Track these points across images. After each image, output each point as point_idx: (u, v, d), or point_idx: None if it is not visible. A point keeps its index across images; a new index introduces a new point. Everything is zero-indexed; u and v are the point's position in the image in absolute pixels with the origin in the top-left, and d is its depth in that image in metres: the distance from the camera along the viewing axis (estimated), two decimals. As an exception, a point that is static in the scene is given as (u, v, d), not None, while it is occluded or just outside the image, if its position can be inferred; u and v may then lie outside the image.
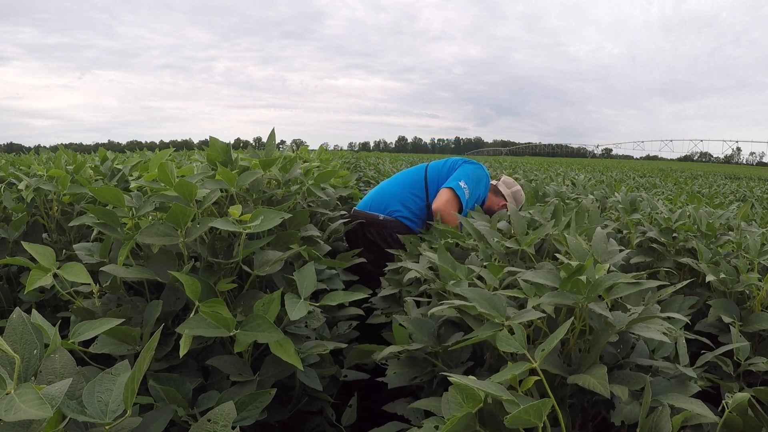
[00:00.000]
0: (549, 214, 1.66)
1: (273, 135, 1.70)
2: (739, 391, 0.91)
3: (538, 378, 0.73)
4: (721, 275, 1.35)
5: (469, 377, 0.69)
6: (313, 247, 1.55)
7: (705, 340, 1.09)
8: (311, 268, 1.17)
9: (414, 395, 1.22)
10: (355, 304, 1.52)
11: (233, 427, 0.75)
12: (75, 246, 1.27)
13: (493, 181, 2.61)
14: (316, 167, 2.31)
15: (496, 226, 1.59)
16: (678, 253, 1.77)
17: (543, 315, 0.87)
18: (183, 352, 0.90)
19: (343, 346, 1.19)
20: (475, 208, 2.30)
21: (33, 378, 0.69)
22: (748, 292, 1.36)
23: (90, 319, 0.90)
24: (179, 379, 0.95)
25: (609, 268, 1.09)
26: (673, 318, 0.93)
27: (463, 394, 0.72)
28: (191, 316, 0.96)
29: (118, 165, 2.21)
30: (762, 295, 1.30)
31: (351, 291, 1.41)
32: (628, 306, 1.00)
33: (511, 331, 0.81)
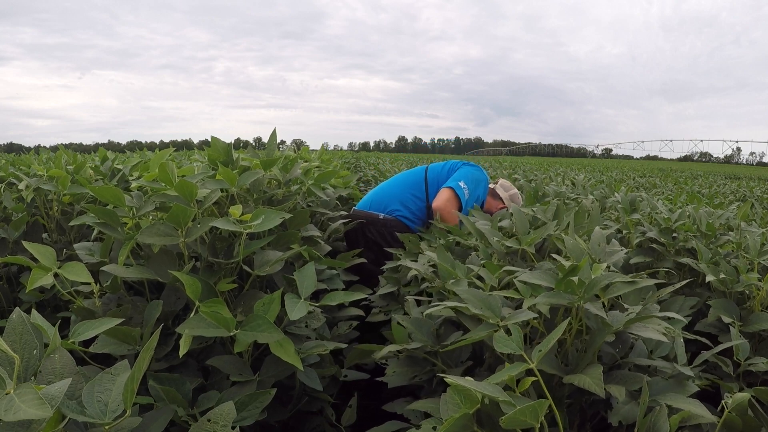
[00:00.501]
0: (551, 213, 1.66)
1: (274, 135, 1.69)
2: (738, 391, 0.91)
3: (535, 378, 0.73)
4: (721, 275, 1.35)
5: (467, 378, 0.69)
6: (314, 247, 1.56)
7: (704, 340, 1.09)
8: (311, 268, 1.17)
9: (414, 395, 1.22)
10: (355, 304, 1.52)
11: (233, 427, 0.75)
12: (75, 246, 1.27)
13: (491, 185, 2.63)
14: (317, 167, 2.31)
15: (497, 225, 1.59)
16: (678, 253, 1.77)
17: (537, 315, 0.87)
18: (183, 352, 0.90)
19: (343, 346, 1.19)
20: (475, 208, 2.31)
21: (33, 378, 0.69)
22: (748, 292, 1.36)
23: (90, 319, 0.90)
24: (179, 379, 0.95)
25: (609, 268, 1.09)
26: (672, 318, 0.93)
27: (460, 395, 0.72)
28: (191, 316, 0.96)
29: (118, 165, 2.21)
30: (762, 295, 1.30)
31: (351, 291, 1.41)
32: (627, 306, 1.00)
33: (508, 331, 0.81)
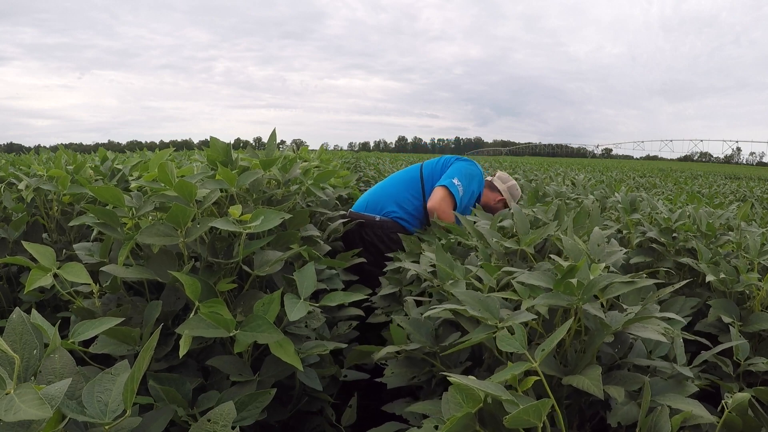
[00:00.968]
0: (552, 213, 1.66)
1: (274, 135, 1.69)
2: (738, 392, 0.91)
3: (538, 378, 0.73)
4: (721, 275, 1.35)
5: (469, 377, 0.69)
6: (313, 247, 1.56)
7: (704, 340, 1.09)
8: (311, 268, 1.17)
9: (413, 395, 1.22)
10: (355, 304, 1.52)
11: (233, 427, 0.75)
12: (75, 246, 1.27)
13: (488, 177, 2.59)
14: (316, 167, 2.31)
15: (497, 226, 1.59)
16: (678, 253, 1.77)
17: (536, 317, 0.87)
18: (183, 353, 0.90)
19: (343, 346, 1.19)
20: (474, 205, 2.29)
21: (33, 378, 0.69)
22: (748, 292, 1.36)
23: (90, 319, 0.90)
24: (179, 379, 0.95)
25: (609, 269, 1.09)
26: (671, 318, 0.93)
27: (462, 394, 0.72)
28: (191, 316, 0.96)
29: (118, 165, 2.21)
30: (762, 295, 1.30)
31: (351, 291, 1.41)
32: (626, 306, 1.00)
33: (512, 331, 0.81)
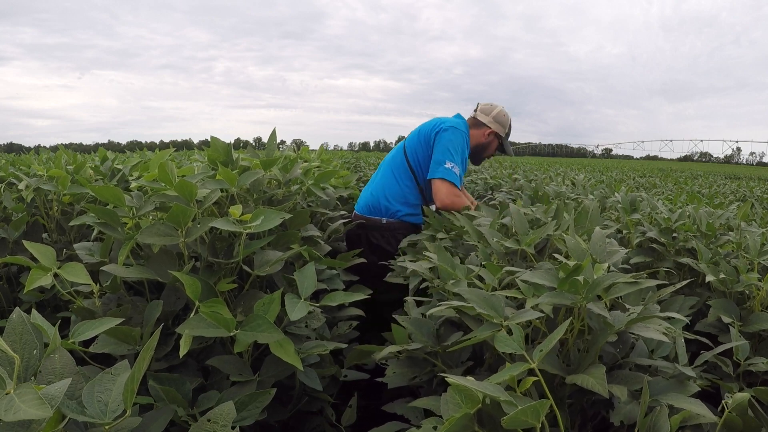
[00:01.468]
0: (551, 213, 1.66)
1: (274, 135, 1.70)
2: (738, 391, 0.91)
3: (537, 378, 0.73)
4: (721, 275, 1.35)
5: (468, 378, 0.69)
6: (314, 247, 1.56)
7: (704, 340, 1.09)
8: (312, 268, 1.17)
9: (414, 395, 1.22)
10: (355, 304, 1.52)
11: (233, 427, 0.75)
12: (75, 246, 1.27)
13: (469, 115, 2.43)
14: (317, 167, 2.31)
15: (497, 225, 1.59)
16: (678, 253, 1.77)
17: (541, 315, 0.87)
18: (183, 352, 0.90)
19: (343, 346, 1.19)
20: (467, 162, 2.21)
21: (33, 378, 0.69)
22: (748, 292, 1.36)
23: (90, 319, 0.90)
24: (179, 379, 0.95)
25: (609, 268, 1.09)
26: (673, 318, 0.93)
27: (461, 395, 0.72)
28: (191, 316, 0.96)
29: (118, 165, 2.21)
30: (762, 295, 1.30)
31: (351, 291, 1.41)
32: (628, 306, 1.00)
33: (510, 331, 0.81)
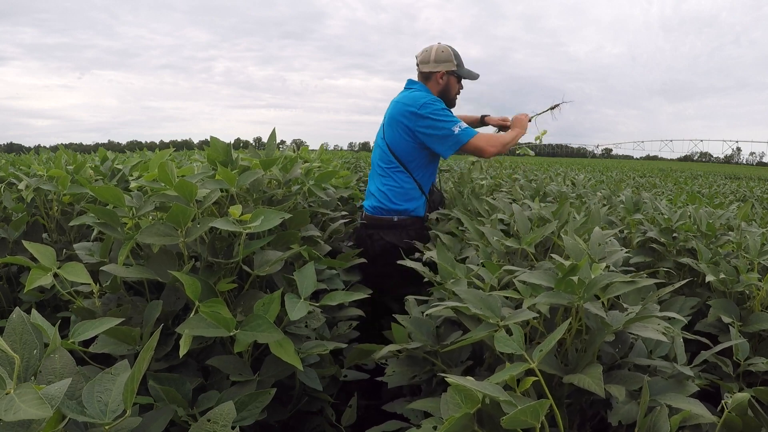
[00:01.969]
0: (557, 211, 1.66)
1: (274, 135, 1.70)
2: (738, 391, 0.91)
3: (536, 378, 0.73)
4: (721, 275, 1.35)
5: (467, 378, 0.69)
6: (314, 247, 1.56)
7: (704, 340, 1.09)
8: (311, 268, 1.17)
9: (414, 394, 1.22)
10: (355, 304, 1.52)
11: (233, 427, 0.75)
12: (75, 246, 1.27)
13: (419, 70, 2.28)
14: (317, 167, 2.31)
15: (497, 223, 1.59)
16: (678, 253, 1.77)
17: (537, 315, 0.87)
18: (183, 352, 0.90)
19: (343, 346, 1.19)
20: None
21: (33, 378, 0.69)
22: (748, 292, 1.36)
23: (90, 319, 0.90)
24: (179, 379, 0.95)
25: (609, 268, 1.09)
26: (672, 318, 0.93)
27: (461, 395, 0.72)
28: (191, 316, 0.96)
29: (118, 165, 2.21)
30: (762, 295, 1.30)
31: (351, 291, 1.41)
32: (626, 306, 1.00)
33: (509, 331, 0.81)
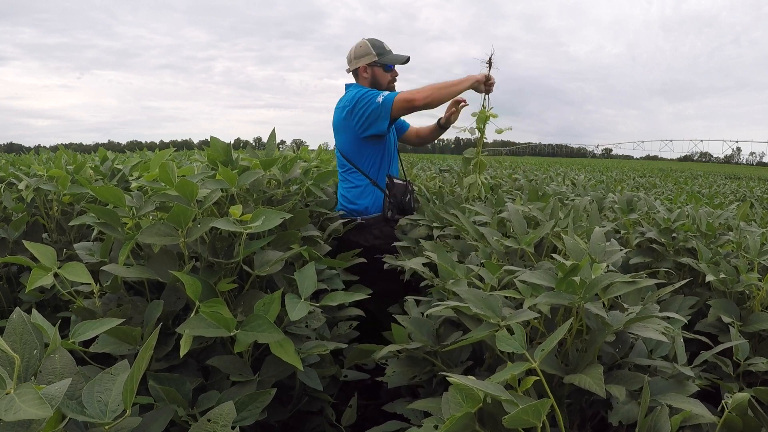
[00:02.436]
0: (548, 212, 1.66)
1: (273, 135, 1.70)
2: (738, 391, 0.91)
3: (537, 378, 0.73)
4: (721, 275, 1.35)
5: (468, 377, 0.69)
6: (313, 247, 1.56)
7: (705, 339, 1.09)
8: (312, 268, 1.17)
9: (414, 395, 1.22)
10: (355, 304, 1.52)
11: (233, 427, 0.75)
12: (75, 245, 1.27)
13: (348, 71, 2.34)
14: (315, 167, 2.31)
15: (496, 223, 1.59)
16: (678, 253, 1.77)
17: (538, 315, 0.87)
18: (183, 352, 0.90)
19: (343, 346, 1.19)
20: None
21: (33, 378, 0.69)
22: (747, 292, 1.36)
23: (90, 319, 0.90)
24: (179, 379, 0.95)
25: (608, 268, 1.09)
26: (672, 318, 0.93)
27: (462, 394, 0.72)
28: (192, 316, 0.96)
29: (118, 165, 2.21)
30: (762, 295, 1.30)
31: (351, 291, 1.41)
32: (626, 306, 1.00)
33: (511, 330, 0.81)
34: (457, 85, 2.12)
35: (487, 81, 2.16)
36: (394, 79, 2.35)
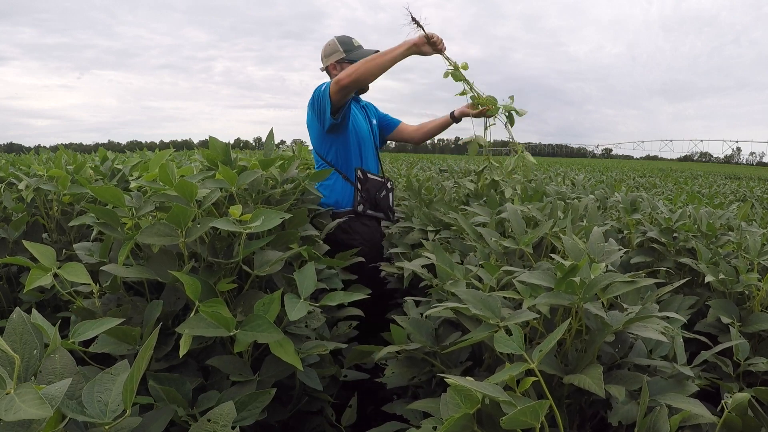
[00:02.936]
0: (547, 212, 1.66)
1: (272, 135, 1.72)
2: (738, 391, 0.91)
3: (536, 378, 0.73)
4: (721, 275, 1.36)
5: (467, 378, 0.69)
6: (313, 247, 1.56)
7: (705, 340, 1.09)
8: (311, 268, 1.17)
9: (413, 395, 1.22)
10: (355, 304, 1.52)
11: (233, 427, 0.75)
12: (75, 246, 1.27)
13: (323, 66, 2.33)
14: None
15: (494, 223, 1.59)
16: (678, 253, 1.77)
17: (537, 316, 0.87)
18: (183, 352, 0.90)
19: (343, 346, 1.19)
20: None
21: (33, 378, 0.69)
22: (747, 292, 1.36)
23: (90, 319, 0.90)
24: (179, 379, 0.95)
25: (607, 268, 1.09)
26: (671, 317, 0.93)
27: (461, 395, 0.72)
28: (191, 316, 0.96)
29: (118, 165, 2.21)
30: (762, 295, 1.30)
31: (351, 291, 1.41)
32: (626, 305, 1.00)
33: (509, 331, 0.81)
34: (390, 53, 1.93)
35: (429, 40, 1.95)
36: None
